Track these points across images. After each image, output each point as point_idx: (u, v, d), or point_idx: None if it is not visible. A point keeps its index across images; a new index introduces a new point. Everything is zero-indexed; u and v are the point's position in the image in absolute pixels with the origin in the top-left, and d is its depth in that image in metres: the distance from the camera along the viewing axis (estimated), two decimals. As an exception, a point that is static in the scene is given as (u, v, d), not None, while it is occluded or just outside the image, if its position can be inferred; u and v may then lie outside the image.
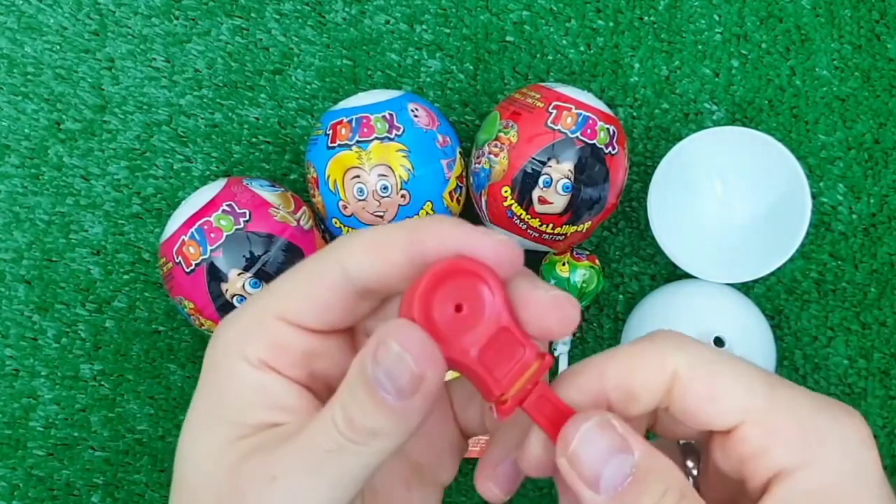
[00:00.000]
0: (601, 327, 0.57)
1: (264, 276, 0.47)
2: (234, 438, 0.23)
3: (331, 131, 0.50)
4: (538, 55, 0.58)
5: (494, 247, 0.22)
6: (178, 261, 0.48)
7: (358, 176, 0.49)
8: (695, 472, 0.27)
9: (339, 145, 0.49)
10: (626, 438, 0.22)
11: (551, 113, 0.50)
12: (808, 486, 0.22)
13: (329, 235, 0.53)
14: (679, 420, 0.24)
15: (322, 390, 0.25)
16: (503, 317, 0.22)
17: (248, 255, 0.47)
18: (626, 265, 0.57)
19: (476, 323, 0.22)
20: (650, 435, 0.26)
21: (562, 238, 0.52)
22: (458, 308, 0.22)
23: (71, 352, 0.56)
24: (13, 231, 0.56)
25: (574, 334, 0.57)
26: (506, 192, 0.50)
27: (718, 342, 0.50)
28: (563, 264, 0.53)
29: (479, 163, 0.52)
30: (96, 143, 0.57)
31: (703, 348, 0.23)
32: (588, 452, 0.22)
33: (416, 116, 0.50)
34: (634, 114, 0.58)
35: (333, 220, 0.51)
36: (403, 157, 0.49)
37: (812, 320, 0.57)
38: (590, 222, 0.51)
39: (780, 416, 0.22)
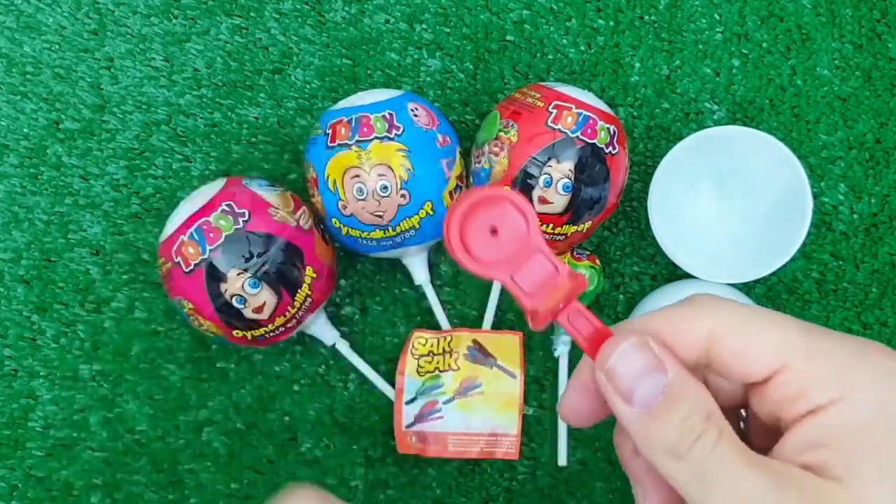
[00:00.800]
0: (601, 327, 0.57)
1: (263, 277, 0.47)
2: None
3: (330, 131, 0.49)
4: (538, 54, 0.58)
5: None
6: (177, 261, 0.48)
7: (357, 176, 0.49)
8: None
9: (339, 145, 0.49)
10: (661, 360, 0.24)
11: (551, 112, 0.49)
12: (834, 420, 0.23)
13: (328, 236, 0.53)
14: (721, 375, 0.25)
15: None
16: (536, 240, 0.25)
17: (247, 255, 0.47)
18: (626, 265, 0.57)
19: (510, 245, 0.25)
20: None
21: (562, 238, 0.51)
22: (494, 231, 0.25)
23: (70, 352, 0.56)
24: (12, 231, 0.56)
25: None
26: (506, 191, 0.50)
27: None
28: (564, 264, 0.53)
29: (479, 162, 0.52)
30: (95, 143, 0.56)
31: (736, 307, 0.24)
32: (624, 369, 0.24)
33: (415, 116, 0.50)
34: (635, 113, 0.57)
35: (333, 220, 0.51)
36: (403, 156, 0.49)
37: (813, 320, 0.56)
38: (590, 222, 0.51)
39: (816, 359, 0.23)
